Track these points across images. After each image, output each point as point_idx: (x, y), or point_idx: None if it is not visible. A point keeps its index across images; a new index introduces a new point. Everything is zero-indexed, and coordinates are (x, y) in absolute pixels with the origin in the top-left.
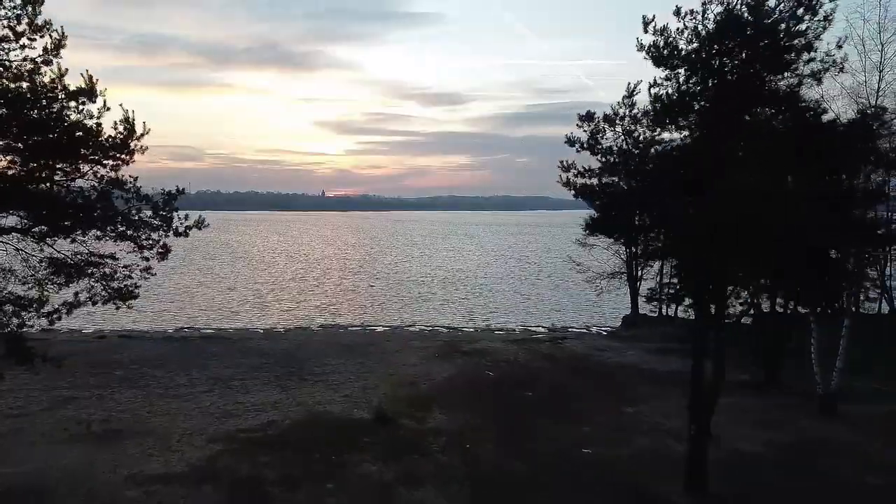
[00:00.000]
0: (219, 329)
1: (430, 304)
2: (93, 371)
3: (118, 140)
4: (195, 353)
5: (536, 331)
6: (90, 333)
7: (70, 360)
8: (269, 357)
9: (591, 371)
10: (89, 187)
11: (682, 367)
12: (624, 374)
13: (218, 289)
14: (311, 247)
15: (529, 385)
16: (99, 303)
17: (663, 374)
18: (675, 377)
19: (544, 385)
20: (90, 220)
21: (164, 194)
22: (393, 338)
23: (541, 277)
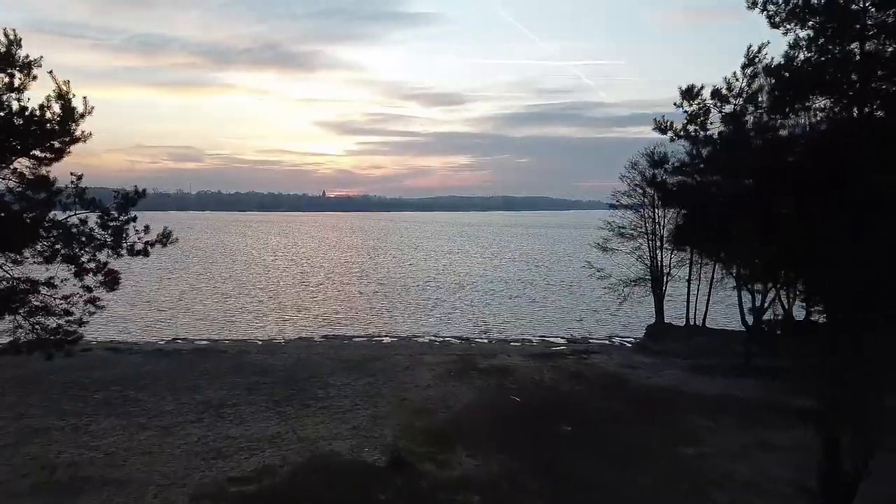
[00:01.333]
0: (214, 340)
1: (439, 312)
2: (71, 393)
3: (53, 123)
4: (186, 371)
5: (556, 343)
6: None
7: (47, 379)
8: (266, 375)
9: (628, 394)
10: (5, 188)
11: (728, 388)
12: (667, 398)
13: (215, 295)
14: (312, 249)
15: (563, 413)
16: (24, 351)
17: (712, 400)
18: (727, 403)
19: (580, 413)
20: (14, 233)
21: (118, 198)
22: (401, 351)
23: (553, 282)
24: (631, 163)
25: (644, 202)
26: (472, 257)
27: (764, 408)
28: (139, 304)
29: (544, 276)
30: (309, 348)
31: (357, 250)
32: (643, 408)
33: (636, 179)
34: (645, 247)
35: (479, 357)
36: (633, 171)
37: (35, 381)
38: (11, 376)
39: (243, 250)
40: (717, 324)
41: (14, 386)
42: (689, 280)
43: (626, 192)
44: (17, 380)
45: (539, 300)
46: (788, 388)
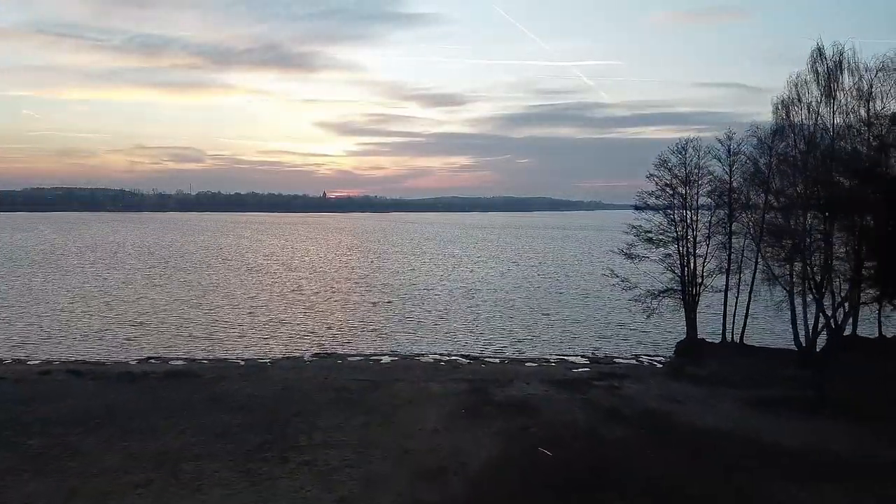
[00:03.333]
0: (192, 360)
1: (445, 326)
2: (3, 437)
3: None
4: (149, 405)
5: (577, 364)
6: (35, 364)
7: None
8: (243, 412)
9: (684, 444)
10: None
11: (809, 434)
12: (737, 451)
13: (201, 307)
14: (310, 254)
15: (611, 479)
16: None
17: (797, 454)
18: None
19: (631, 479)
20: None
21: None
22: (403, 375)
23: (565, 292)
24: (660, 160)
25: (674, 203)
26: (478, 262)
27: (867, 466)
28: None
29: (556, 283)
30: (297, 371)
31: (357, 254)
32: (710, 467)
33: (665, 178)
34: (675, 253)
35: (492, 385)
36: (663, 169)
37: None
38: None
39: (239, 255)
40: (755, 339)
41: None
42: (727, 290)
43: (655, 192)
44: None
45: (552, 311)
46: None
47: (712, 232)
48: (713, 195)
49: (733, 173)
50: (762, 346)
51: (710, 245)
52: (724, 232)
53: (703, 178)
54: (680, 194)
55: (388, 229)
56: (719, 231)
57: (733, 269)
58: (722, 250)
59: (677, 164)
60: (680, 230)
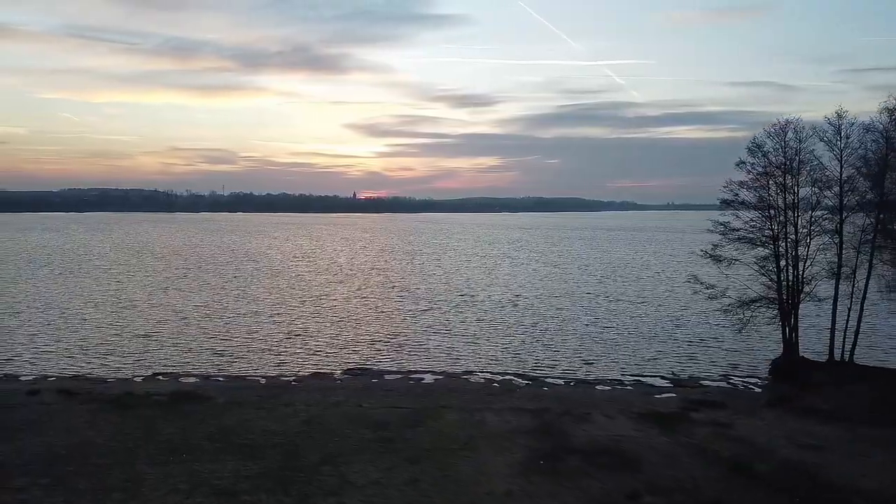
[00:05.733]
0: (205, 377)
1: (493, 336)
2: None
3: None
4: (139, 442)
5: (657, 387)
6: (27, 381)
7: None
8: (255, 457)
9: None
10: None
11: None
12: None
13: (223, 314)
14: (340, 255)
15: None
16: None
17: None
18: None
19: None
20: None
21: None
22: (451, 400)
23: (622, 298)
24: (754, 144)
25: (770, 195)
26: (519, 265)
27: None
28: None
29: (612, 290)
30: (325, 394)
31: (388, 256)
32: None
33: (760, 166)
34: (771, 255)
35: (566, 420)
36: (757, 154)
37: None
38: None
39: (267, 257)
40: (867, 358)
41: None
42: (836, 300)
43: (747, 182)
44: None
45: (615, 322)
46: None
47: (815, 230)
48: (818, 185)
49: (844, 161)
50: (878, 366)
51: (811, 245)
52: (831, 230)
53: (806, 166)
54: (778, 184)
55: (418, 230)
56: (825, 229)
57: (844, 274)
58: (828, 252)
59: (774, 148)
60: (777, 227)
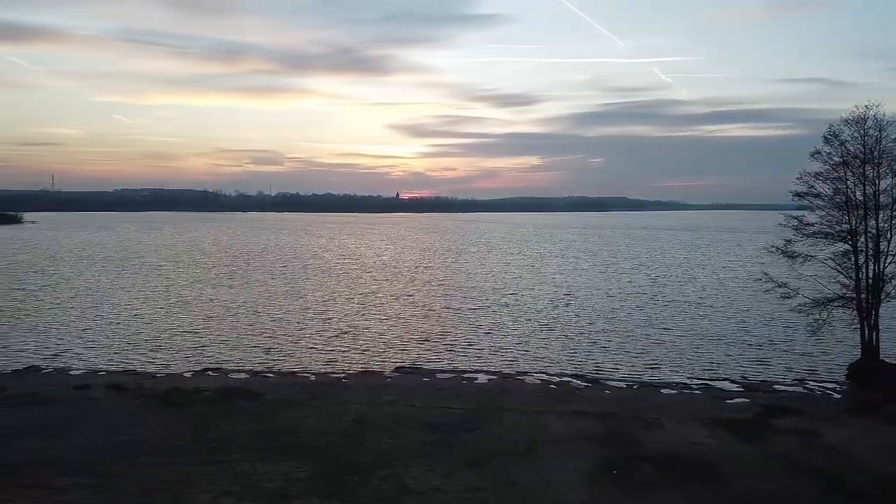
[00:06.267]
0: (254, 373)
1: (544, 338)
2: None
3: None
4: (186, 441)
5: (726, 390)
6: (77, 375)
7: None
8: (306, 456)
9: None
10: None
11: None
12: None
13: (272, 311)
14: (386, 253)
15: None
16: None
17: None
18: None
19: None
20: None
21: None
22: (507, 401)
23: (679, 298)
24: (831, 132)
25: (847, 187)
26: (568, 264)
27: None
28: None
29: (669, 289)
30: (376, 393)
31: (434, 255)
32: None
33: (838, 155)
34: (850, 252)
35: (634, 425)
36: (834, 143)
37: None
38: None
39: (314, 255)
40: None
41: None
42: None
43: (824, 173)
44: None
45: (675, 322)
46: None
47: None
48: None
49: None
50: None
51: (893, 240)
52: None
53: (888, 156)
54: (857, 175)
55: (461, 229)
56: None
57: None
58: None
59: (853, 137)
60: (855, 221)
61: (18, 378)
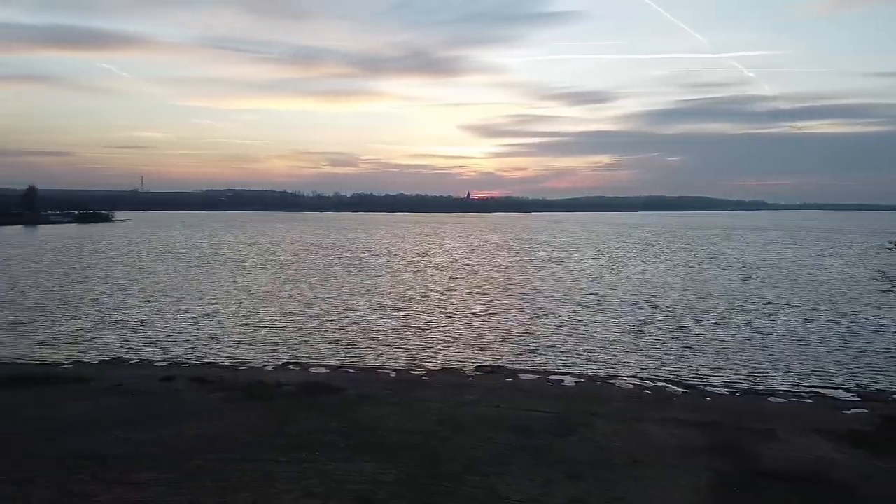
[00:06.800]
0: (335, 368)
1: (631, 339)
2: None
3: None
4: (270, 435)
5: (839, 399)
6: (162, 367)
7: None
8: (391, 457)
9: None
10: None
11: None
12: None
13: (350, 307)
14: (460, 252)
15: None
16: None
17: None
18: None
19: None
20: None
21: None
22: (597, 404)
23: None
24: None
25: None
26: (652, 264)
27: None
28: (263, 314)
29: (763, 291)
30: (459, 392)
31: (509, 253)
32: None
33: None
34: None
35: (745, 435)
36: None
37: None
38: None
39: (390, 252)
40: None
41: None
42: None
43: None
44: None
45: (774, 326)
46: None
47: None
48: None
49: None
50: None
51: None
52: None
53: None
54: None
55: (534, 228)
56: None
57: None
58: None
59: None
60: None
61: (106, 369)
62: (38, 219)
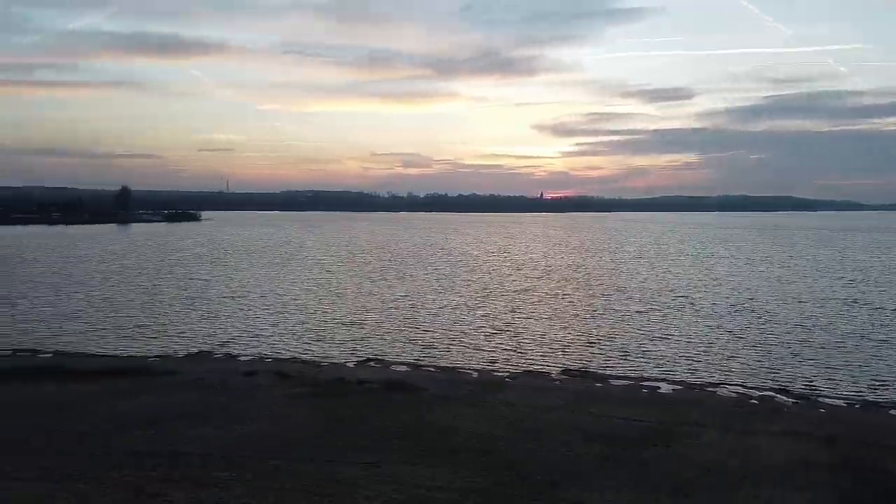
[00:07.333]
0: (414, 367)
1: (735, 344)
2: None
3: None
4: (351, 435)
5: None
6: (244, 362)
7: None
8: (476, 464)
9: None
10: None
11: None
12: None
13: (428, 306)
14: (536, 251)
15: None
16: None
17: None
18: None
19: None
20: None
21: None
22: (697, 414)
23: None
24: None
25: None
26: (743, 265)
27: None
28: (344, 311)
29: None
30: (543, 395)
31: (587, 253)
32: None
33: None
34: None
35: (869, 450)
36: None
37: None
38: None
39: (465, 251)
40: None
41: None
42: None
43: None
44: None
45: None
46: None
47: None
48: None
49: None
50: None
51: None
52: None
53: None
54: None
55: (611, 228)
56: None
57: None
58: None
59: None
60: None
61: (190, 362)
62: (130, 218)
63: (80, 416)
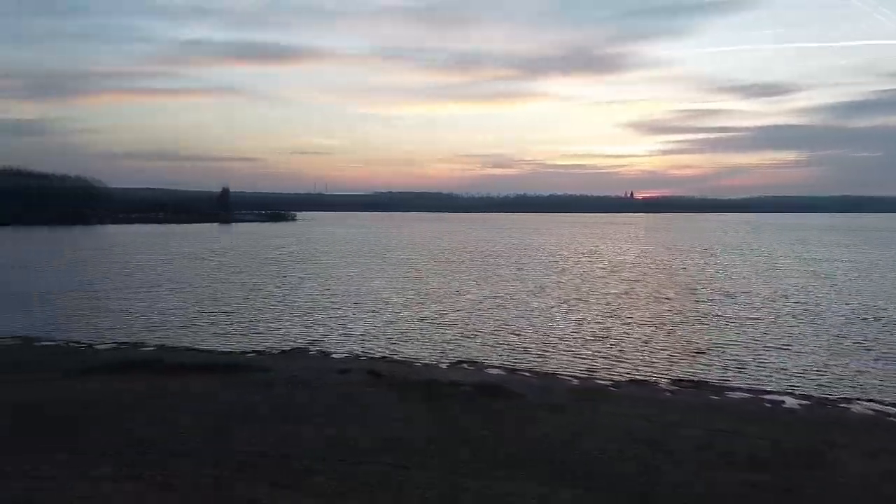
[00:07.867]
0: (510, 371)
1: (867, 356)
2: None
3: None
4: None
5: None
6: (339, 359)
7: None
8: (590, 482)
9: None
10: None
11: None
12: None
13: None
14: (628, 253)
15: None
16: None
17: None
18: None
19: None
20: None
21: None
22: (837, 433)
23: None
24: None
25: None
26: (863, 271)
27: None
28: (434, 312)
29: None
30: (655, 407)
31: (685, 256)
32: None
33: None
34: None
35: None
36: None
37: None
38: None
39: (554, 252)
40: None
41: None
42: None
43: None
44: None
45: None
46: None
47: None
48: None
49: None
50: None
51: None
52: None
53: None
54: None
55: (707, 229)
56: None
57: None
58: None
59: None
60: None
61: (285, 360)
62: (231, 217)
63: (178, 412)
